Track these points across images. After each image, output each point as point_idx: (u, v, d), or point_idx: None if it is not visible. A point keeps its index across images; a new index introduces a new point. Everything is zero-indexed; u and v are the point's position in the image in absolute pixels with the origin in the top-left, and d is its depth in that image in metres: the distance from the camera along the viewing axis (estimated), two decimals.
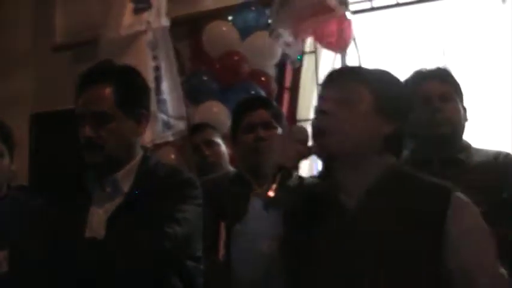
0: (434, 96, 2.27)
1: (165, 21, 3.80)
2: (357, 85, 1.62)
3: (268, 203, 1.55)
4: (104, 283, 1.84)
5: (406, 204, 1.52)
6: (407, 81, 2.36)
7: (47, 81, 5.14)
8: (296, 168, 1.62)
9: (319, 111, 1.62)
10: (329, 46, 3.86)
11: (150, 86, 3.64)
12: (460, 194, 1.55)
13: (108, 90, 1.99)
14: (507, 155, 2.31)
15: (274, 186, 1.54)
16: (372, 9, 4.32)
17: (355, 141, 1.57)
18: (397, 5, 4.21)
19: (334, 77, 1.69)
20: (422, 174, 1.63)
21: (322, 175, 1.69)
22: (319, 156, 1.61)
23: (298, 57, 4.02)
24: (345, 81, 1.63)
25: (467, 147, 2.32)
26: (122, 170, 2.01)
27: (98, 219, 1.96)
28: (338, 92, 1.61)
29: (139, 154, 2.07)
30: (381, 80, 1.66)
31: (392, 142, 1.61)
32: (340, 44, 3.75)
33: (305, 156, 1.61)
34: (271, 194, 1.53)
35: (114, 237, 1.90)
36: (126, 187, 1.99)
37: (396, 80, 1.70)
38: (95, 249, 1.89)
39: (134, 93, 2.06)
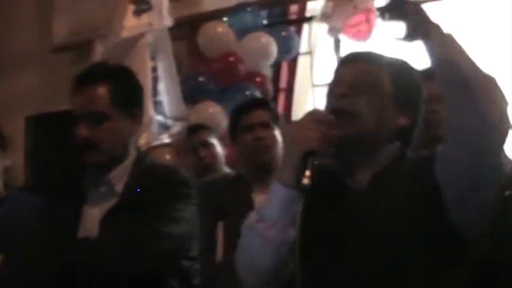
0: (433, 97, 2.28)
1: (168, 21, 3.80)
2: (378, 70, 1.57)
3: (304, 190, 1.46)
4: (99, 284, 1.84)
5: (409, 184, 1.50)
6: None
7: (47, 82, 5.14)
8: (325, 150, 1.50)
9: (339, 94, 1.54)
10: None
11: (147, 87, 3.71)
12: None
13: (103, 90, 2.00)
14: None
15: (307, 173, 1.45)
16: None
17: (374, 128, 1.53)
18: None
19: (354, 59, 1.62)
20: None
21: (333, 160, 1.60)
22: (340, 138, 1.52)
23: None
24: (365, 65, 1.58)
25: None
26: (116, 170, 2.02)
27: (92, 219, 1.96)
28: (359, 74, 1.56)
29: (133, 154, 2.07)
30: (400, 69, 1.60)
31: (405, 134, 1.59)
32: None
33: (330, 137, 1.50)
34: (306, 181, 1.45)
35: (109, 237, 1.89)
36: (120, 187, 2.00)
37: (415, 71, 1.65)
38: (89, 249, 1.89)
39: (129, 92, 2.06)
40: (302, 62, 4.48)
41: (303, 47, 4.47)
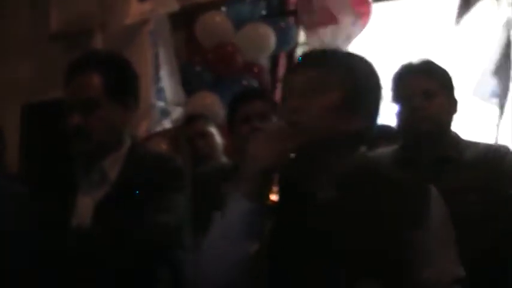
0: (416, 93, 2.21)
1: (174, 5, 3.77)
2: (328, 75, 1.52)
3: (272, 206, 1.44)
4: (92, 273, 1.84)
5: (377, 203, 1.48)
6: (393, 76, 2.30)
7: (43, 70, 5.11)
8: (284, 164, 1.48)
9: (290, 108, 1.52)
10: None
11: (149, 74, 3.71)
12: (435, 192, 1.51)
13: (96, 78, 1.99)
14: (496, 149, 2.28)
15: (275, 189, 1.44)
16: None
17: (327, 135, 1.49)
18: None
19: (304, 64, 1.58)
20: (391, 173, 1.61)
21: (293, 169, 1.55)
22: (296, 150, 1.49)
23: None
24: (315, 70, 1.53)
25: (456, 142, 2.27)
26: (109, 158, 2.01)
27: (85, 207, 1.96)
28: (308, 83, 1.51)
29: (127, 142, 2.06)
30: (352, 70, 1.54)
31: (362, 138, 1.55)
32: None
33: (286, 151, 1.47)
34: (274, 197, 1.44)
35: (102, 227, 1.89)
36: (113, 175, 1.99)
37: (368, 70, 1.59)
38: (83, 238, 1.89)
39: (123, 80, 2.05)
40: (300, 53, 4.46)
41: (301, 37, 4.45)
